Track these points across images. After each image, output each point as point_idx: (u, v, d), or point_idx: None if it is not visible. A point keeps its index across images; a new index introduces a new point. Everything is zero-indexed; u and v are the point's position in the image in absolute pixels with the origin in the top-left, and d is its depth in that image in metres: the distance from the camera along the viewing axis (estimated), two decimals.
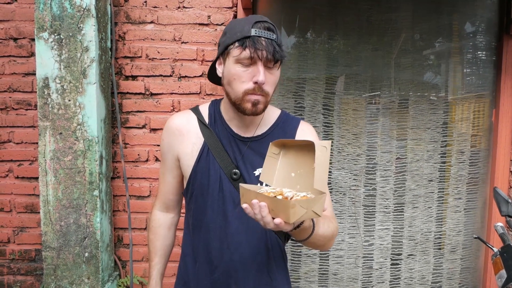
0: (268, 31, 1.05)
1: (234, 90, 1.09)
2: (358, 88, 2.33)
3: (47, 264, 2.08)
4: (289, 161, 1.01)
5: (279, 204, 0.82)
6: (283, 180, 1.01)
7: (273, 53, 1.04)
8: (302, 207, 0.80)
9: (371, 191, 2.36)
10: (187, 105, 2.26)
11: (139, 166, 2.31)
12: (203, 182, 1.17)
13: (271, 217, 0.85)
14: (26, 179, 2.32)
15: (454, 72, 2.36)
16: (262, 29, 1.05)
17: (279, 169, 1.02)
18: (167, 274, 2.32)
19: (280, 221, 0.83)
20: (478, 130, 2.37)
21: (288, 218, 0.80)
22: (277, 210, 0.83)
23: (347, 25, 2.32)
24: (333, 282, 2.40)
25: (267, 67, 1.06)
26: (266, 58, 1.04)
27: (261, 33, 1.04)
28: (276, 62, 1.07)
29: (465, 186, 2.38)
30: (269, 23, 1.07)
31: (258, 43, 1.03)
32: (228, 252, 1.15)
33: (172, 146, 1.22)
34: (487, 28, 2.32)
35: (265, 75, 1.05)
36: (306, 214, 0.82)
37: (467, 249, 2.43)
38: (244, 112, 1.10)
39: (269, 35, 1.04)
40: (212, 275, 1.18)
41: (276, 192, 0.91)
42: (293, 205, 0.79)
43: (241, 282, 1.17)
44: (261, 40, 1.03)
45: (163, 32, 2.26)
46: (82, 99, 2.03)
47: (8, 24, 2.25)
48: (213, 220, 1.16)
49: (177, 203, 1.35)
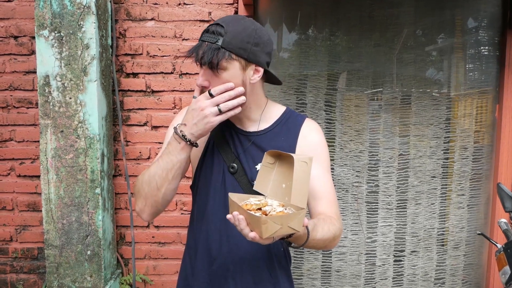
0: (210, 34, 1.05)
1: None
2: (360, 84, 2.31)
3: (50, 262, 2.09)
4: (283, 172, 1.03)
5: (253, 219, 0.85)
6: (275, 190, 1.03)
7: (201, 57, 1.04)
8: (276, 223, 0.82)
9: (374, 187, 2.35)
10: (189, 103, 2.25)
11: (141, 164, 2.30)
12: (207, 174, 1.18)
13: (249, 229, 0.87)
14: (28, 178, 2.32)
15: (457, 68, 2.35)
16: (206, 32, 1.06)
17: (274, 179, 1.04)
18: (170, 272, 2.33)
19: (255, 235, 0.85)
20: (481, 126, 2.35)
21: (261, 233, 0.82)
22: (253, 224, 0.86)
23: (348, 21, 2.30)
24: (336, 279, 2.40)
25: (211, 71, 1.06)
26: (201, 62, 1.05)
27: (203, 37, 1.06)
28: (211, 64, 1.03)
29: (468, 182, 2.37)
30: (219, 24, 1.05)
31: (198, 48, 1.05)
32: (227, 244, 1.15)
33: None
34: (490, 23, 2.30)
35: (208, 78, 1.07)
36: (280, 230, 0.83)
37: (470, 245, 2.42)
38: None
39: (207, 38, 1.05)
40: (210, 267, 1.18)
41: (260, 204, 0.93)
42: (265, 221, 0.81)
43: (238, 276, 1.16)
44: (204, 44, 1.04)
45: (163, 29, 2.25)
46: (83, 96, 2.02)
47: (9, 22, 2.24)
48: (214, 212, 1.17)
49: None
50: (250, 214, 0.85)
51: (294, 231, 0.85)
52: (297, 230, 0.85)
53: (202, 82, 1.07)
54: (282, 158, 1.04)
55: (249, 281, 1.17)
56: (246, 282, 1.17)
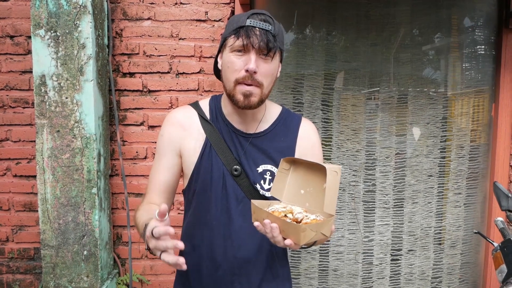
0: (263, 22, 1.05)
1: (227, 79, 1.09)
2: (357, 83, 2.32)
3: (46, 262, 2.08)
4: (298, 178, 1.04)
5: (290, 227, 0.86)
6: (293, 196, 1.04)
7: (266, 43, 1.03)
8: (312, 231, 0.85)
9: (371, 186, 2.35)
10: (185, 102, 2.25)
11: (138, 164, 2.30)
12: (206, 179, 1.15)
13: (281, 237, 0.88)
14: (24, 178, 2.31)
15: (453, 67, 2.35)
16: (257, 20, 1.04)
17: (289, 184, 1.06)
18: (167, 272, 2.33)
19: (291, 243, 0.86)
20: (478, 124, 2.36)
21: (299, 240, 0.85)
22: (287, 232, 0.87)
23: (345, 20, 2.30)
24: (333, 278, 2.40)
25: (261, 57, 1.05)
26: (259, 46, 1.03)
27: (255, 24, 1.04)
28: (270, 51, 1.05)
29: (465, 181, 2.37)
30: (266, 15, 1.07)
31: (251, 32, 1.03)
32: (231, 249, 1.15)
33: (175, 141, 1.18)
34: (486, 22, 2.31)
35: (257, 64, 1.04)
36: (315, 236, 0.86)
37: (467, 244, 2.42)
38: (237, 105, 1.09)
39: (264, 26, 1.04)
40: (216, 272, 1.17)
41: (286, 211, 0.95)
42: (304, 229, 0.84)
43: (245, 279, 1.17)
44: (255, 29, 1.03)
45: (160, 28, 2.24)
46: (79, 96, 2.02)
47: (5, 22, 2.23)
48: (217, 218, 1.15)
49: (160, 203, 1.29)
50: (287, 222, 0.87)
51: (324, 237, 0.88)
52: (327, 236, 0.88)
53: (255, 67, 1.04)
54: (297, 164, 1.05)
55: (254, 282, 1.17)
56: (251, 283, 1.17)
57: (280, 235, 0.88)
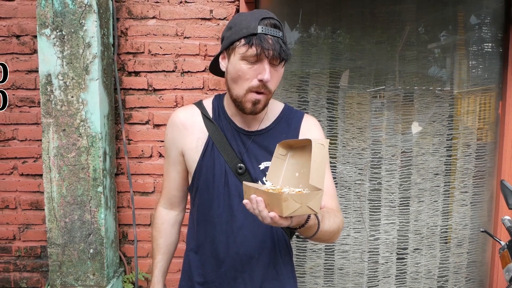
0: (274, 29, 1.04)
1: (238, 87, 1.08)
2: (362, 81, 2.31)
3: (53, 260, 2.09)
4: (295, 162, 1.02)
5: (273, 198, 0.84)
6: (288, 180, 1.02)
7: (280, 52, 1.03)
8: (296, 201, 0.82)
9: (376, 185, 2.34)
10: (190, 101, 2.25)
11: (143, 162, 2.30)
12: (208, 176, 1.16)
13: (267, 211, 0.86)
14: (31, 176, 2.32)
15: (460, 65, 2.33)
16: (268, 26, 1.04)
17: (286, 170, 1.03)
18: (172, 270, 2.33)
19: (274, 215, 0.84)
20: (484, 123, 2.34)
21: (282, 212, 0.82)
22: (272, 205, 0.85)
23: (350, 18, 2.30)
24: (338, 277, 2.39)
25: (272, 64, 1.06)
26: (273, 56, 1.03)
27: (267, 31, 1.03)
28: (282, 60, 1.06)
29: (471, 180, 2.36)
30: (275, 19, 1.06)
31: (264, 41, 1.02)
32: (234, 246, 1.16)
33: (177, 141, 1.22)
34: (493, 19, 2.29)
35: (270, 73, 1.04)
36: (300, 209, 0.83)
37: (473, 243, 2.41)
38: (243, 111, 1.10)
39: (276, 33, 1.04)
40: (219, 269, 1.18)
41: (275, 190, 0.92)
42: (285, 198, 0.81)
43: (248, 276, 1.17)
44: (268, 38, 1.02)
45: (165, 27, 2.25)
46: (85, 95, 2.02)
47: (11, 21, 2.24)
48: (219, 215, 1.16)
49: (181, 199, 1.34)
50: (270, 193, 0.85)
51: (312, 212, 0.84)
52: (315, 211, 0.84)
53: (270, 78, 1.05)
54: (294, 149, 1.03)
55: (257, 279, 1.18)
56: (255, 280, 1.18)
57: (265, 210, 0.86)
